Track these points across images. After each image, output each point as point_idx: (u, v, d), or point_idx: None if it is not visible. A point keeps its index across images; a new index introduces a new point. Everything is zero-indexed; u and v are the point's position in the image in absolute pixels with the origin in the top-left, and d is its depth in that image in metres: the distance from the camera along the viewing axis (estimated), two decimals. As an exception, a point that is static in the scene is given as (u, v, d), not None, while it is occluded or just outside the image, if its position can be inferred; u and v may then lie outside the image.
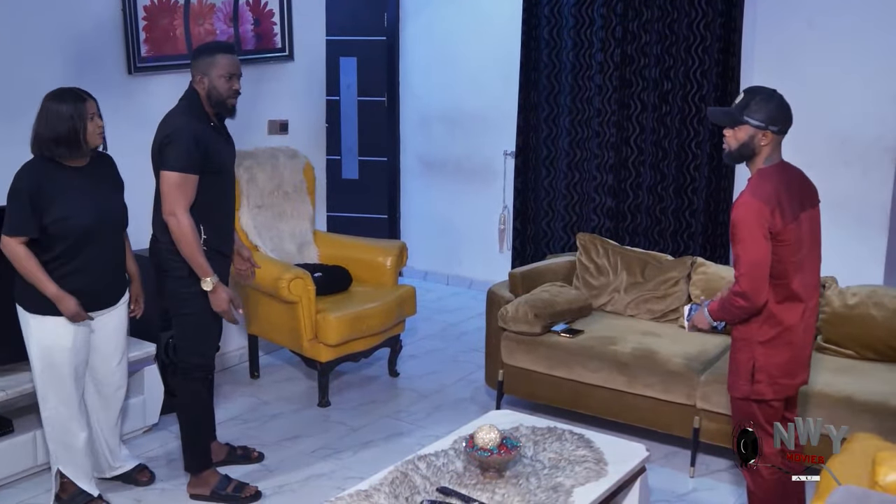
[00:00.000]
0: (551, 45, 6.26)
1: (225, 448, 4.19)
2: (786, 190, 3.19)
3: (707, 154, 5.72)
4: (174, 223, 3.55)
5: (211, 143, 3.66)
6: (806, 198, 3.29)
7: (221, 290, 3.68)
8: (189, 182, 3.56)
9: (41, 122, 3.46)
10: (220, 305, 3.69)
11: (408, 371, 5.49)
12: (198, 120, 3.67)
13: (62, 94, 3.50)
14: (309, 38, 5.76)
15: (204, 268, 3.61)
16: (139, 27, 4.70)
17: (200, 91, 3.70)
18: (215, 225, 3.74)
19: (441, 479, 3.13)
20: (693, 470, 4.16)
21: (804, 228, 3.21)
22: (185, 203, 3.55)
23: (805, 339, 3.33)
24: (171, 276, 3.70)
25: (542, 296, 4.76)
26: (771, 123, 3.16)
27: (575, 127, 6.23)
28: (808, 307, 3.28)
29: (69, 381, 3.64)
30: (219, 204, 3.76)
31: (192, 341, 3.81)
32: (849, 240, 5.44)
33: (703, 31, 5.63)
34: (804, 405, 3.88)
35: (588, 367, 4.44)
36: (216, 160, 3.68)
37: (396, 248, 5.43)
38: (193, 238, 3.57)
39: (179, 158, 3.53)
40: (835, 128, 5.44)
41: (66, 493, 3.72)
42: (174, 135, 3.56)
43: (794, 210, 3.18)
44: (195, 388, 3.84)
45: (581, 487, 3.15)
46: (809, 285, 3.27)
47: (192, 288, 3.67)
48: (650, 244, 5.94)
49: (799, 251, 3.19)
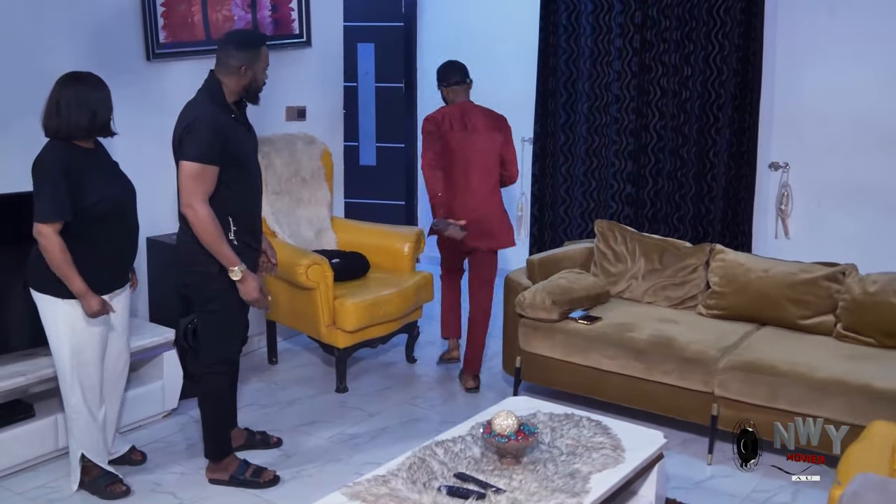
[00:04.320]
0: (569, 31, 6.23)
1: (244, 433, 4.21)
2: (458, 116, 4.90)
3: (727, 140, 5.69)
4: (192, 215, 3.48)
5: (232, 134, 3.59)
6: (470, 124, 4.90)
7: (250, 278, 3.61)
8: (208, 173, 3.49)
9: (72, 105, 3.44)
10: (250, 294, 3.63)
11: (425, 357, 5.50)
12: (220, 110, 3.60)
13: (91, 79, 3.52)
14: (326, 24, 5.75)
15: (230, 257, 3.55)
16: (157, 13, 4.71)
17: (235, 82, 3.63)
18: (244, 218, 3.68)
19: (458, 465, 3.13)
20: (711, 457, 4.14)
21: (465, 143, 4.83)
22: (202, 194, 3.47)
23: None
24: (199, 272, 3.64)
25: (560, 282, 4.75)
26: (442, 81, 5.03)
27: (593, 113, 6.20)
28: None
29: (97, 364, 3.67)
30: (246, 197, 3.70)
31: (218, 337, 3.78)
32: (869, 226, 5.40)
33: (723, 15, 5.59)
34: (823, 392, 3.86)
35: (605, 354, 4.44)
36: (238, 151, 3.61)
37: (414, 235, 5.43)
38: (214, 228, 3.49)
39: (199, 148, 3.46)
40: (855, 114, 5.40)
41: (90, 476, 3.76)
42: (194, 124, 3.49)
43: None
44: (217, 380, 3.83)
45: (598, 474, 3.15)
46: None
47: (221, 284, 3.62)
48: (670, 231, 5.92)
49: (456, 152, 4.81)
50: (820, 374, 3.94)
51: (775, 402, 3.96)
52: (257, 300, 3.66)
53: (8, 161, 4.06)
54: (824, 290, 4.47)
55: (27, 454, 3.92)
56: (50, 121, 3.47)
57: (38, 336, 3.73)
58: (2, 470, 3.85)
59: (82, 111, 3.46)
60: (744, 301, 4.62)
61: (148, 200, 4.19)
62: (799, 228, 5.70)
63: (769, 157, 5.75)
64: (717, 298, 4.71)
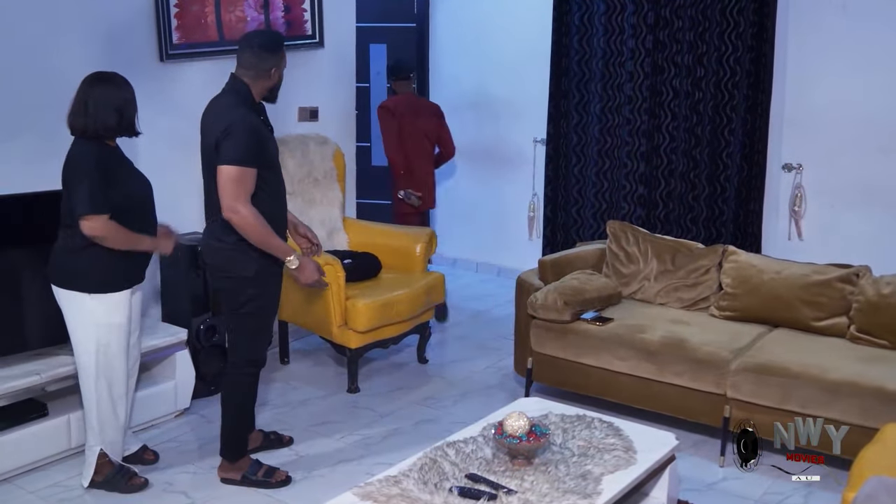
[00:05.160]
0: (582, 31, 6.22)
1: (259, 435, 4.22)
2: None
3: (740, 141, 5.67)
4: (237, 219, 3.47)
5: (265, 136, 3.63)
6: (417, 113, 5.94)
7: (308, 262, 3.68)
8: (248, 175, 3.48)
9: (100, 104, 3.48)
10: (310, 276, 3.68)
11: (436, 358, 5.50)
12: (251, 112, 3.62)
13: (117, 79, 3.56)
14: (339, 25, 5.76)
15: (283, 248, 3.59)
16: (171, 14, 4.73)
17: (262, 84, 3.65)
18: (275, 220, 3.68)
19: (470, 466, 3.14)
20: (723, 459, 4.13)
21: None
22: (245, 196, 3.47)
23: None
24: (234, 277, 3.65)
25: (572, 283, 4.74)
26: (393, 75, 6.06)
27: (606, 114, 6.19)
28: None
29: (123, 357, 3.70)
30: (276, 197, 3.71)
31: (249, 339, 3.80)
32: (883, 228, 5.38)
33: (736, 16, 5.57)
34: (836, 394, 3.85)
35: (617, 356, 4.43)
36: (269, 153, 3.65)
37: (426, 235, 5.43)
38: (262, 226, 3.50)
39: (239, 151, 3.46)
40: (869, 113, 5.38)
41: (102, 474, 3.78)
42: (232, 128, 3.48)
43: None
44: (244, 381, 3.84)
45: (610, 475, 3.14)
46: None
47: (255, 288, 3.65)
48: (682, 232, 5.90)
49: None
50: (833, 376, 3.93)
51: (788, 403, 3.95)
52: (317, 280, 3.72)
53: (24, 161, 4.08)
54: (837, 291, 4.45)
55: (40, 453, 3.94)
56: (77, 120, 3.51)
57: (52, 335, 3.75)
58: (14, 469, 3.87)
59: (110, 111, 3.51)
60: (756, 302, 4.60)
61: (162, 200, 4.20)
62: (812, 230, 5.68)
63: (782, 158, 5.73)
64: (729, 300, 4.69)
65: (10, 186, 3.92)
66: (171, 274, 4.74)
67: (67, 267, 3.56)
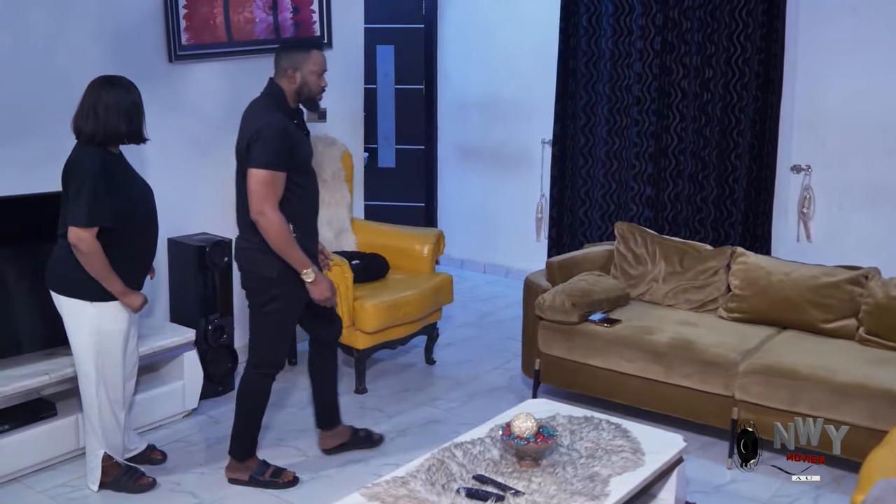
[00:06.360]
0: (590, 33, 6.22)
1: (348, 431, 4.22)
2: None
3: (748, 143, 5.66)
4: (264, 222, 3.50)
5: (297, 140, 3.64)
6: None
7: (322, 279, 3.68)
8: (278, 179, 3.50)
9: (110, 110, 3.47)
10: (323, 293, 3.68)
11: (444, 359, 5.50)
12: (284, 116, 3.63)
13: (125, 83, 3.54)
14: (347, 26, 5.77)
15: (302, 260, 3.59)
16: (180, 15, 4.74)
17: (288, 86, 3.67)
18: (305, 224, 3.71)
19: (477, 467, 3.13)
20: (731, 461, 4.12)
21: None
22: (273, 200, 3.49)
23: None
24: (258, 277, 3.68)
25: (580, 285, 4.74)
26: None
27: (613, 115, 6.19)
28: None
29: (121, 363, 3.70)
30: (307, 202, 3.73)
31: (270, 340, 3.81)
32: (892, 229, 5.36)
33: (745, 17, 5.57)
34: (844, 396, 3.84)
35: (625, 357, 4.42)
36: (302, 157, 3.66)
37: (433, 236, 5.43)
38: (287, 233, 3.53)
39: (268, 155, 3.48)
40: (878, 117, 5.37)
41: (110, 476, 3.78)
42: (263, 130, 3.50)
43: None
44: (261, 382, 3.85)
45: (618, 477, 3.14)
46: None
47: (279, 289, 3.67)
48: (690, 233, 5.90)
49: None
50: (841, 378, 3.91)
51: (796, 406, 3.93)
52: (329, 298, 3.72)
53: (30, 163, 4.09)
54: (846, 293, 4.43)
55: (49, 453, 3.95)
56: (86, 125, 3.48)
57: (58, 336, 3.75)
58: (24, 468, 3.89)
59: (119, 117, 3.49)
60: (765, 304, 4.59)
61: (170, 201, 4.22)
62: (821, 231, 5.67)
63: (791, 159, 5.72)
64: (738, 301, 4.68)
65: (24, 187, 3.95)
66: (180, 274, 4.75)
67: (68, 274, 3.54)
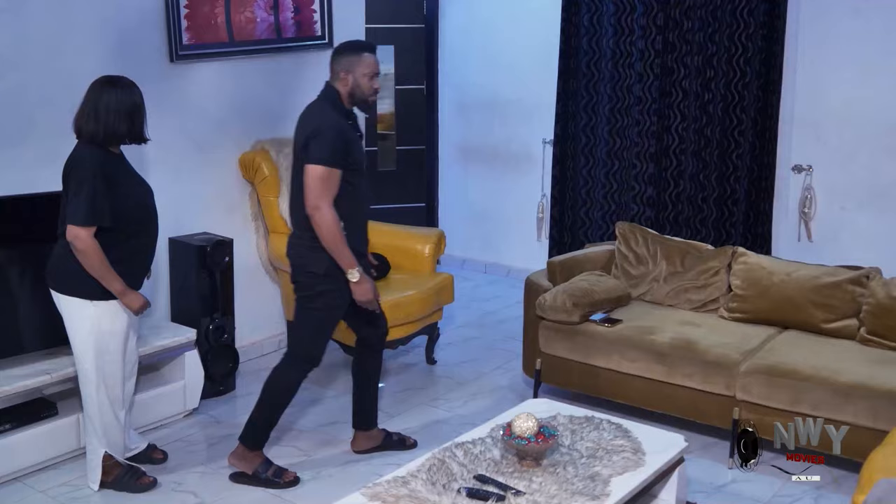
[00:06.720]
0: (591, 32, 6.22)
1: (381, 434, 4.23)
2: None
3: (750, 143, 5.66)
4: (319, 217, 3.56)
5: (352, 140, 3.71)
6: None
7: (366, 280, 3.72)
8: (333, 176, 3.58)
9: (112, 110, 3.47)
10: (365, 295, 3.72)
11: (445, 359, 5.50)
12: (341, 116, 3.71)
13: (127, 83, 3.55)
14: (348, 26, 5.75)
15: (349, 259, 3.64)
16: (181, 15, 4.74)
17: (342, 88, 3.73)
18: (355, 224, 3.75)
19: (478, 467, 3.13)
20: (732, 461, 4.12)
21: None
22: (329, 196, 3.57)
23: None
24: (307, 272, 3.74)
25: (581, 285, 4.74)
26: None
27: (615, 115, 6.19)
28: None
29: (120, 362, 3.70)
30: (359, 202, 3.77)
31: (312, 335, 3.84)
32: (893, 229, 5.36)
33: (746, 17, 5.56)
34: (846, 396, 3.83)
35: (626, 357, 4.42)
36: (357, 157, 3.72)
37: (434, 236, 5.43)
38: (338, 231, 3.58)
39: (325, 152, 3.56)
40: (879, 117, 5.36)
41: (111, 475, 3.78)
42: (321, 128, 3.60)
43: None
44: (294, 375, 3.88)
45: (619, 477, 3.14)
46: None
47: (326, 286, 3.71)
48: (692, 233, 5.89)
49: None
50: (843, 378, 3.91)
51: (798, 406, 3.93)
52: (371, 301, 3.77)
53: (33, 162, 4.09)
54: (848, 293, 4.43)
55: (50, 452, 3.96)
56: (87, 125, 3.48)
57: (59, 335, 3.75)
58: (25, 467, 3.89)
59: (121, 117, 3.49)
60: (766, 304, 4.59)
61: (171, 201, 4.22)
62: (822, 231, 5.66)
63: (792, 159, 5.71)
64: (739, 301, 4.68)
65: (25, 187, 3.95)
66: (181, 274, 4.75)
67: (68, 273, 3.54)
